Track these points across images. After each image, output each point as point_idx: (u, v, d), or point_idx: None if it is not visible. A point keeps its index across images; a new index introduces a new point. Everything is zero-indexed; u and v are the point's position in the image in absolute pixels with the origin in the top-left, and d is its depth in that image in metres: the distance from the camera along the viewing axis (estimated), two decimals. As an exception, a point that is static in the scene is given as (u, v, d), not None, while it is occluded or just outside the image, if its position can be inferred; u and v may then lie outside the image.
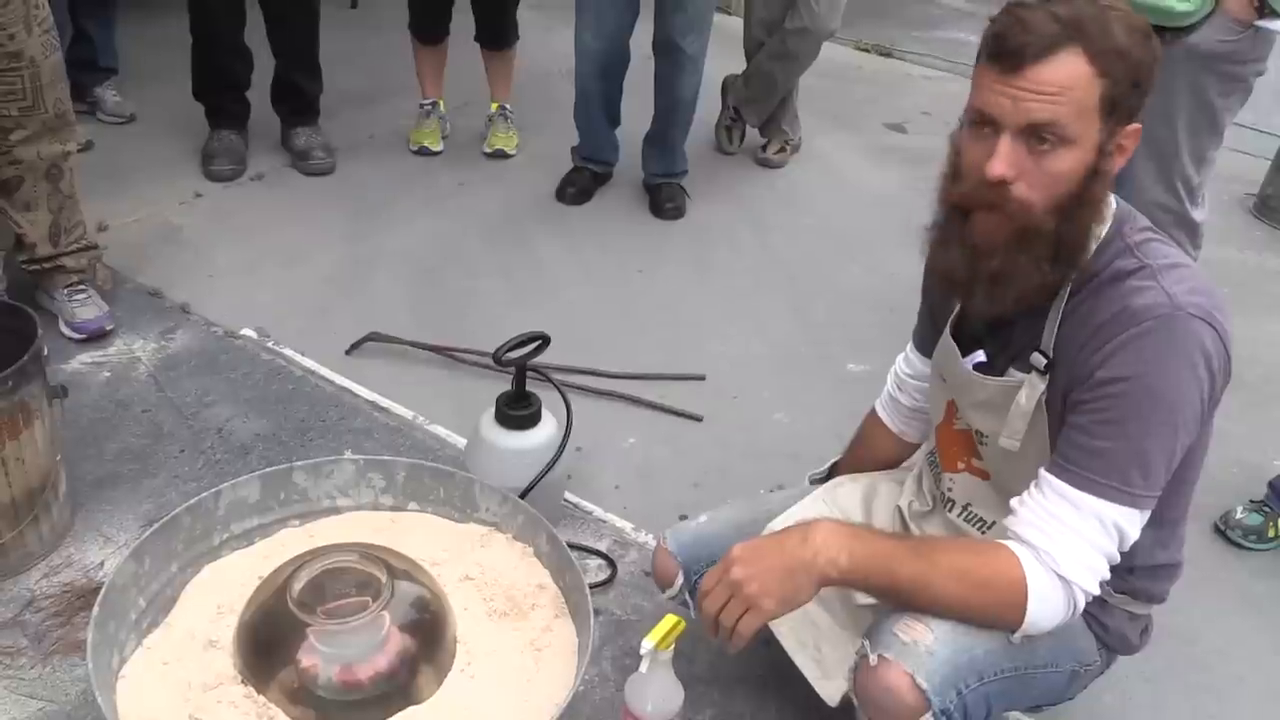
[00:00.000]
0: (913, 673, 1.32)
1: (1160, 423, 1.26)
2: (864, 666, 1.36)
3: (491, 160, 3.76)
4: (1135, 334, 1.25)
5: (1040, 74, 1.21)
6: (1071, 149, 1.24)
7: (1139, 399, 1.26)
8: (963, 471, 1.55)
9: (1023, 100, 1.22)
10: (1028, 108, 1.22)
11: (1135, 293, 1.27)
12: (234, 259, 3.00)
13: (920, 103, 4.64)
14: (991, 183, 1.25)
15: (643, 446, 2.43)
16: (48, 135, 2.37)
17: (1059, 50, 1.21)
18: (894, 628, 1.36)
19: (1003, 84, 1.23)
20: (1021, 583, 1.30)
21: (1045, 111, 1.22)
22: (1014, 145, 1.24)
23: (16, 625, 1.78)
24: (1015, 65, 1.22)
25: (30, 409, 1.81)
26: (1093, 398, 1.28)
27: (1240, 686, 1.95)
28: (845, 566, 1.30)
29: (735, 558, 1.32)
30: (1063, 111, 1.22)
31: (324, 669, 1.43)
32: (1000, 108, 1.23)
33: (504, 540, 1.75)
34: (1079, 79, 1.21)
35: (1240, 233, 3.74)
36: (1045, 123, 1.22)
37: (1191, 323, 1.24)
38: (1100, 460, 1.28)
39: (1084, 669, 1.50)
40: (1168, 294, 1.25)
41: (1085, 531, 1.29)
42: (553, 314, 2.84)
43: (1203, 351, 1.25)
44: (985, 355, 1.45)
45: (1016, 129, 1.23)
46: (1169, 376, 1.25)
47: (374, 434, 2.34)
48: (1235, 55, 2.33)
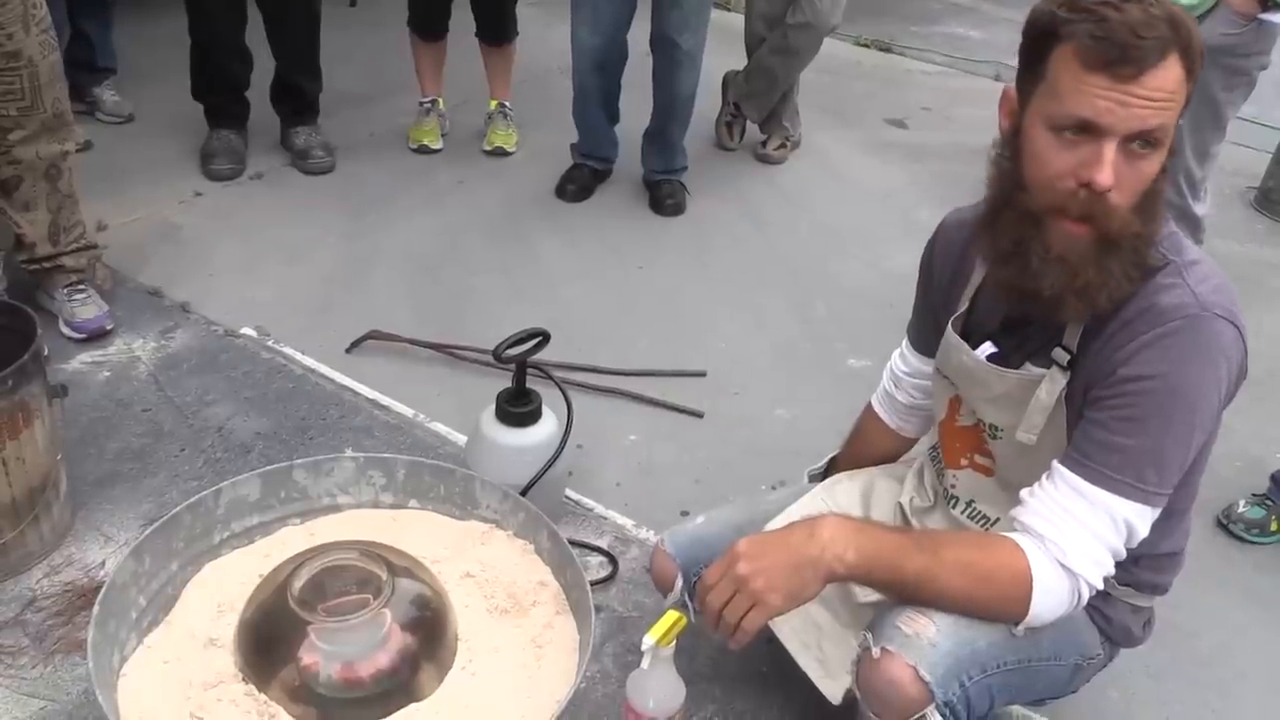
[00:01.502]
0: (915, 665, 1.32)
1: (1180, 422, 1.26)
2: (867, 659, 1.36)
3: (491, 158, 3.75)
4: (1161, 333, 1.24)
5: (1155, 80, 1.17)
6: (1161, 150, 1.22)
7: (1162, 398, 1.25)
8: (966, 468, 1.55)
9: (1135, 107, 1.17)
10: (1142, 115, 1.17)
11: (1161, 290, 1.26)
12: (234, 258, 3.00)
13: (920, 98, 4.63)
14: (1096, 193, 1.21)
15: (644, 443, 2.42)
16: (46, 135, 2.37)
17: (1169, 54, 1.17)
18: (897, 620, 1.36)
19: (1118, 91, 1.17)
20: (1026, 575, 1.29)
21: (1157, 118, 1.18)
22: (1117, 154, 1.19)
23: (18, 624, 1.78)
24: (1134, 74, 1.16)
25: (30, 408, 1.81)
26: (1114, 394, 1.28)
27: (1243, 681, 1.95)
28: (852, 562, 1.30)
29: (741, 553, 1.31)
30: (1169, 117, 1.19)
31: (325, 667, 1.43)
32: (1112, 115, 1.18)
33: (505, 537, 1.74)
34: (1181, 83, 1.19)
35: (1241, 226, 3.74)
36: (1155, 129, 1.18)
37: (1216, 323, 1.24)
38: (1117, 456, 1.27)
39: (1087, 662, 1.50)
40: (1194, 293, 1.24)
41: (1095, 525, 1.28)
42: (553, 311, 2.84)
43: (1225, 353, 1.25)
44: (996, 348, 1.44)
45: (1125, 136, 1.19)
46: (1193, 377, 1.25)
47: (374, 432, 2.34)
48: (1239, 48, 2.32)
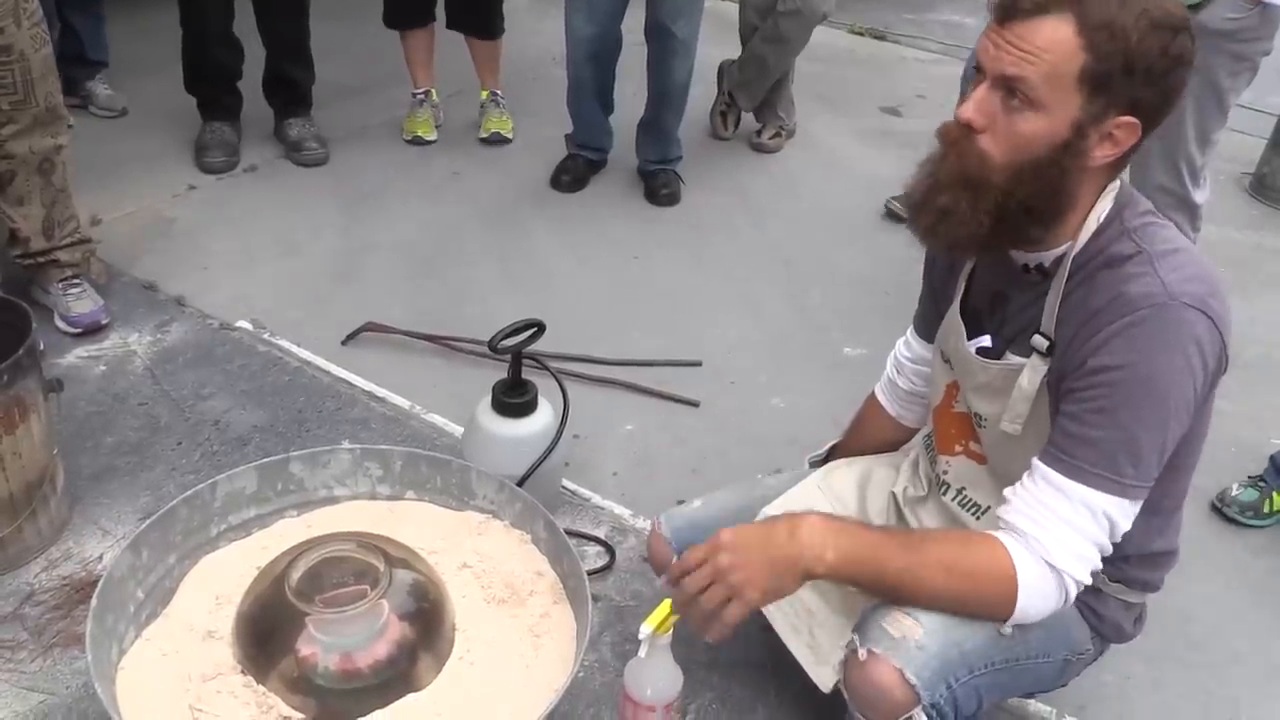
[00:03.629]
0: (902, 668, 1.32)
1: (1151, 412, 1.26)
2: (853, 661, 1.37)
3: (486, 148, 3.75)
4: (1128, 322, 1.24)
5: (1023, 30, 1.21)
6: (1040, 114, 1.23)
7: (1130, 388, 1.25)
8: (959, 455, 1.55)
9: (1002, 51, 1.22)
10: (1002, 59, 1.22)
11: (1130, 280, 1.26)
12: (228, 251, 2.99)
13: (915, 86, 4.63)
14: (960, 124, 1.27)
15: (640, 433, 2.43)
16: (39, 129, 2.36)
17: (1049, 12, 1.20)
18: (883, 622, 1.36)
19: (992, 33, 1.24)
20: (1011, 573, 1.29)
21: (1015, 67, 1.21)
22: (989, 95, 1.25)
23: (16, 619, 1.78)
24: (1005, 17, 1.23)
25: (26, 403, 1.81)
26: (1084, 386, 1.28)
27: (1238, 664, 1.96)
28: (831, 562, 1.30)
29: (723, 544, 1.31)
30: (1032, 71, 1.21)
31: (323, 658, 1.43)
32: (985, 55, 1.25)
33: (501, 528, 1.75)
34: (1060, 45, 1.20)
35: (1237, 212, 3.73)
36: (1014, 78, 1.22)
37: (1186, 312, 1.23)
38: (1091, 449, 1.27)
39: (1076, 657, 1.50)
40: (1163, 282, 1.24)
41: (1075, 521, 1.28)
42: (548, 301, 2.84)
43: (1195, 341, 1.24)
44: (990, 340, 1.45)
45: (993, 79, 1.24)
46: (1161, 365, 1.24)
47: (371, 424, 2.34)
48: (1242, 33, 2.32)
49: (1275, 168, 3.83)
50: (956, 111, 1.28)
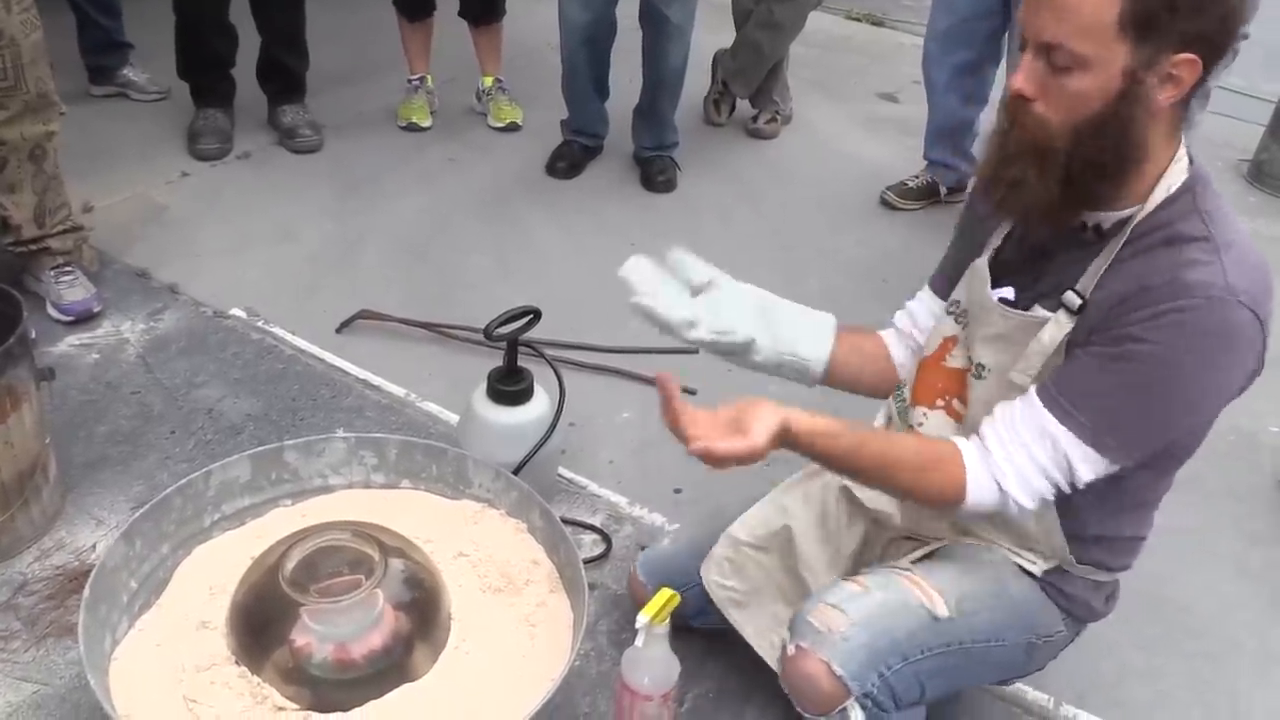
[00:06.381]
0: (828, 660, 1.34)
1: (1161, 396, 1.25)
2: (785, 657, 1.39)
3: (482, 135, 3.73)
4: (1178, 306, 1.21)
5: None
6: (1087, 71, 1.21)
7: (1155, 371, 1.24)
8: (940, 409, 1.51)
9: (1042, 15, 1.22)
10: (1040, 25, 1.22)
11: (1191, 266, 1.22)
12: (222, 238, 2.98)
13: (912, 72, 4.57)
14: (1015, 98, 1.27)
15: (637, 421, 2.42)
16: (30, 115, 2.34)
17: None
18: (808, 616, 1.39)
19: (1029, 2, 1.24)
20: (961, 479, 1.33)
21: (1051, 31, 1.21)
22: (1034, 62, 1.24)
23: (9, 609, 1.77)
24: None
25: (18, 392, 1.79)
26: (1113, 345, 1.26)
27: (1237, 652, 1.96)
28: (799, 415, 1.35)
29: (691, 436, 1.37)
30: (1065, 30, 1.19)
31: (318, 648, 1.43)
32: (1025, 23, 1.25)
33: (497, 516, 1.74)
34: (1101, 16, 1.18)
35: (1236, 199, 3.72)
36: (1050, 43, 1.21)
37: (1239, 312, 1.20)
38: (1086, 399, 1.27)
39: (1044, 640, 1.49)
40: (1225, 275, 1.21)
41: (1037, 453, 1.30)
42: (544, 288, 2.82)
43: (1240, 340, 1.23)
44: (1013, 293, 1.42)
45: (1034, 47, 1.24)
46: (1193, 363, 1.23)
47: (365, 412, 2.33)
48: None
49: (1273, 154, 3.82)
50: (1007, 83, 1.28)
